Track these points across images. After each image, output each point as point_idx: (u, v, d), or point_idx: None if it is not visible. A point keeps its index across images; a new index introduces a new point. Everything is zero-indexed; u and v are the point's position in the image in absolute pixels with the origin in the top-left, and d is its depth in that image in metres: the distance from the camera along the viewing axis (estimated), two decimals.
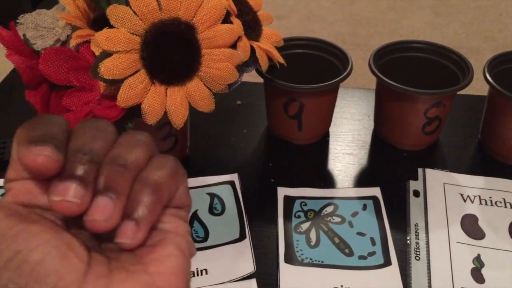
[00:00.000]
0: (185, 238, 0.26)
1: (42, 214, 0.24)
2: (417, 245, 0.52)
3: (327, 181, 0.60)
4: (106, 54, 0.42)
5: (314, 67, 0.65)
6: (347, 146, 0.65)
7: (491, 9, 2.18)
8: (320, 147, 0.66)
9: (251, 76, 0.60)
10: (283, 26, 2.09)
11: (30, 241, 0.21)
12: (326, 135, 0.67)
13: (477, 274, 0.49)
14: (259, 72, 0.58)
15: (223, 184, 0.59)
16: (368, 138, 0.67)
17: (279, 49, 0.57)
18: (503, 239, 0.52)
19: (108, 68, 0.42)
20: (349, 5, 2.23)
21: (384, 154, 0.64)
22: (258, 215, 0.56)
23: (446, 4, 2.22)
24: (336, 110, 0.66)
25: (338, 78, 0.58)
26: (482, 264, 0.50)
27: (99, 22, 0.47)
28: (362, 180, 0.60)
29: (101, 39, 0.42)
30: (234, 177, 0.60)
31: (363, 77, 0.64)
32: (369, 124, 0.69)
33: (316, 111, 0.62)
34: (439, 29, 2.06)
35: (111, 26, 0.43)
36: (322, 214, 0.55)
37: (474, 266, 0.50)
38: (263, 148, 0.66)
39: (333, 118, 0.67)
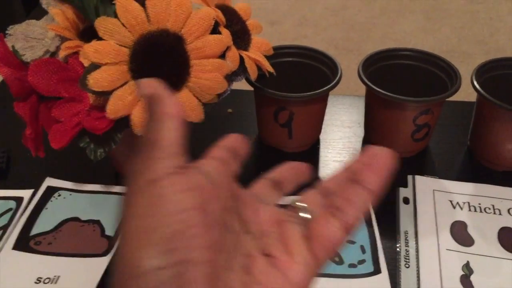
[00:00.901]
0: None
1: None
2: (407, 253, 0.52)
3: None
4: (95, 66, 0.43)
5: (304, 75, 0.65)
6: (338, 153, 0.66)
7: (482, 13, 2.20)
8: (310, 154, 0.66)
9: (243, 84, 0.61)
10: (276, 32, 2.10)
11: None
12: (317, 143, 0.67)
13: (466, 281, 0.49)
14: (249, 81, 0.59)
15: None
16: (358, 145, 0.67)
17: (269, 57, 0.57)
18: (492, 246, 0.53)
19: (96, 80, 0.42)
20: (342, 11, 2.24)
21: None
22: None
23: (438, 9, 2.24)
24: (326, 117, 0.66)
25: (327, 87, 0.59)
26: (471, 271, 0.50)
27: (88, 33, 0.48)
28: None
29: (90, 52, 0.42)
30: None
31: (356, 83, 0.65)
32: (360, 131, 0.69)
33: (306, 119, 0.62)
34: (431, 34, 2.07)
35: (100, 38, 0.43)
36: None
37: (463, 273, 0.50)
38: (254, 156, 0.66)
39: (324, 126, 0.67)
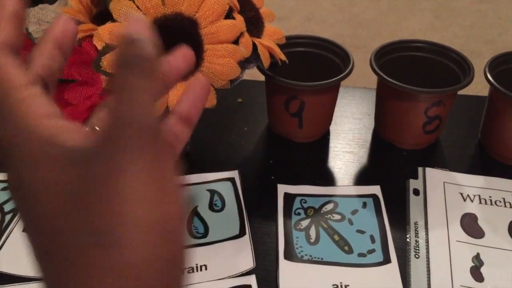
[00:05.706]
0: None
1: None
2: (417, 243, 0.52)
3: (327, 179, 0.60)
4: (109, 48, 0.42)
5: (315, 65, 0.65)
6: (348, 144, 0.66)
7: (491, 12, 2.19)
8: (320, 145, 0.66)
9: (252, 74, 0.61)
10: (283, 28, 2.08)
11: None
12: (327, 134, 0.67)
13: (476, 273, 0.49)
14: (261, 69, 0.58)
15: (223, 181, 0.59)
16: (368, 137, 0.67)
17: (281, 47, 0.57)
18: (503, 238, 0.52)
19: (110, 62, 0.42)
20: (349, 7, 2.24)
21: (384, 153, 0.64)
22: (258, 212, 0.56)
23: (446, 7, 2.23)
24: (336, 109, 0.66)
25: (339, 76, 0.58)
26: (481, 263, 0.50)
27: (102, 17, 0.47)
28: (362, 178, 0.60)
29: (104, 33, 0.42)
30: (234, 174, 0.60)
31: (363, 79, 0.65)
32: (370, 123, 0.69)
33: (317, 109, 0.62)
34: (439, 32, 2.07)
35: (114, 21, 0.43)
36: (322, 211, 0.55)
37: (473, 264, 0.50)
38: (263, 145, 0.66)
39: (334, 117, 0.67)
